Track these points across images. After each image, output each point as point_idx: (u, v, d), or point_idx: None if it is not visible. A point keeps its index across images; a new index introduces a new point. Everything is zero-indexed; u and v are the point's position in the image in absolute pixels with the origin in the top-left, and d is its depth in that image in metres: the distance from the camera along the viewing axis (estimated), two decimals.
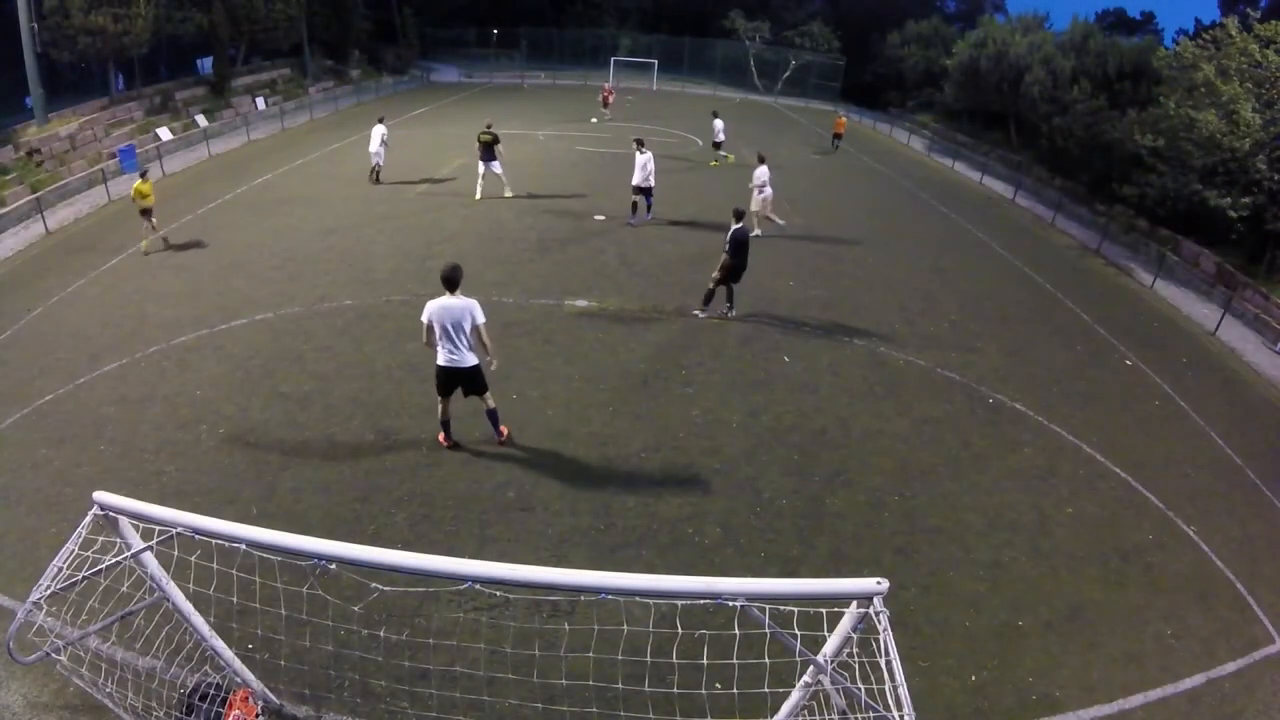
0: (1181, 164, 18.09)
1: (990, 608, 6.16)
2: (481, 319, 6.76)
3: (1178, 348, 12.80)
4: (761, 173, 14.61)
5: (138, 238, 12.74)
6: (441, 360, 6.84)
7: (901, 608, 5.93)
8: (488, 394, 7.23)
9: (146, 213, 12.62)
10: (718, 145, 21.95)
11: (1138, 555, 7.08)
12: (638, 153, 14.60)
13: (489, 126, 15.66)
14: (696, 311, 11.06)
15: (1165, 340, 13.08)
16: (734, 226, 10.37)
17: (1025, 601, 6.28)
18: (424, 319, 6.71)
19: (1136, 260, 17.88)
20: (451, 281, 6.67)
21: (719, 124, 21.85)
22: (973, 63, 28.57)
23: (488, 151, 15.63)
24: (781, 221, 15.65)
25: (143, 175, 12.71)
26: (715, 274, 10.74)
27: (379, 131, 16.83)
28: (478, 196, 16.02)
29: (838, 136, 26.95)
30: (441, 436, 7.53)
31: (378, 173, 17.26)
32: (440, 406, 7.24)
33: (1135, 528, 7.51)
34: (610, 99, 28.46)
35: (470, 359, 6.84)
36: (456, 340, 6.72)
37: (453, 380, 6.97)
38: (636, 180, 14.70)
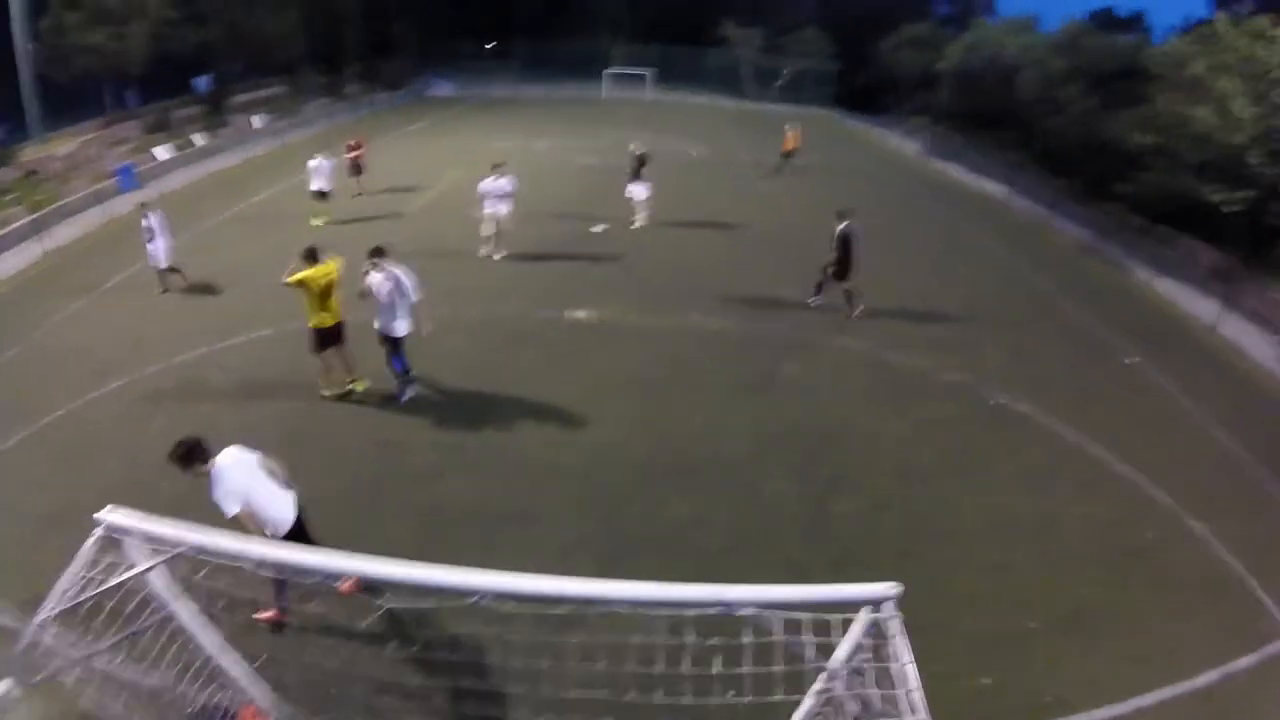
0: (1176, 160, 18.14)
1: (998, 609, 6.14)
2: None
3: (1179, 344, 12.78)
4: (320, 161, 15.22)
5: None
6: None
7: (906, 611, 5.88)
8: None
9: None
10: (323, 196, 15.43)
11: (1146, 554, 7.06)
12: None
13: (636, 150, 16.08)
14: (811, 301, 12.04)
15: (1166, 337, 13.07)
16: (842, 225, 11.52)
17: (1033, 603, 6.25)
18: None
19: (1135, 257, 17.86)
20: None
21: (321, 163, 15.31)
22: (966, 65, 28.73)
23: (639, 170, 15.91)
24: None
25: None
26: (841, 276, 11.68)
27: (152, 220, 11.23)
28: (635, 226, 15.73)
29: (787, 154, 22.68)
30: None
31: (168, 275, 11.65)
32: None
33: (1142, 526, 7.47)
34: (359, 158, 16.80)
35: None
36: None
37: None
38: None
